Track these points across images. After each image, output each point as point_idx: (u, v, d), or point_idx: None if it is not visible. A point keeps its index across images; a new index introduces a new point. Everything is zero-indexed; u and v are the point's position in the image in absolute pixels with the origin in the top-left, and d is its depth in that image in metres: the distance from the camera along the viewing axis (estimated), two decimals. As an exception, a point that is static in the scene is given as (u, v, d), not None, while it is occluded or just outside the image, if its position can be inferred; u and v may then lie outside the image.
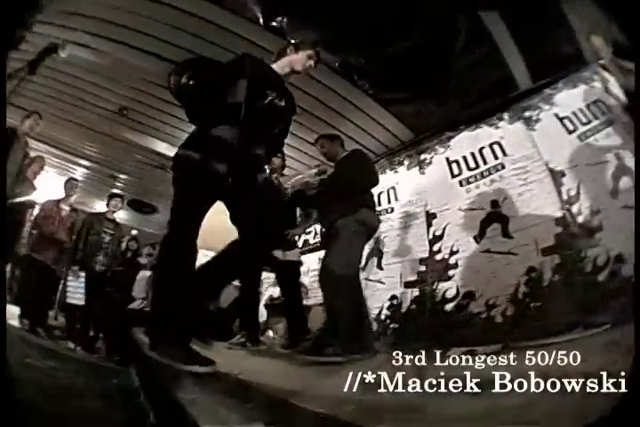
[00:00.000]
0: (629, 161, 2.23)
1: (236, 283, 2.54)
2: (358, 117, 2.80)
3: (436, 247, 2.85)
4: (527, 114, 2.81)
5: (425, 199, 3.10)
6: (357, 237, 2.03)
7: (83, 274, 3.04)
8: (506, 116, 2.88)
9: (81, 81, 2.73)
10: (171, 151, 2.97)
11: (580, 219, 2.40)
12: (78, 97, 2.85)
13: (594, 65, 2.59)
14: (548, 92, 2.74)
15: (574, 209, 2.44)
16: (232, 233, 1.45)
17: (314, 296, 3.16)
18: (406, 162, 3.29)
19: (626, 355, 1.00)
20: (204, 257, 3.40)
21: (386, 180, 3.28)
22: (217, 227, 3.29)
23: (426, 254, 2.88)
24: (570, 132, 2.63)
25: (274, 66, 1.66)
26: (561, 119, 2.69)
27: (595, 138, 2.47)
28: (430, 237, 2.91)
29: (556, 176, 2.56)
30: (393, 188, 3.35)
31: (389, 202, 3.34)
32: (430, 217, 3.00)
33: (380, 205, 3.24)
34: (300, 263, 2.78)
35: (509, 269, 2.40)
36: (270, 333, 3.22)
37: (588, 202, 2.39)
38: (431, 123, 2.76)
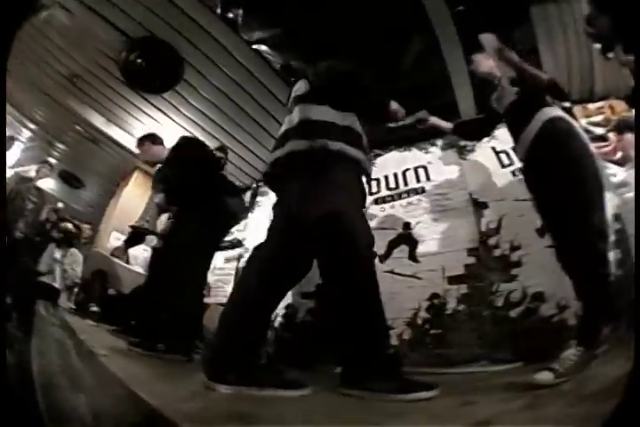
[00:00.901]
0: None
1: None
2: None
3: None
4: (462, 143, 2.85)
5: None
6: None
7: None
8: (439, 142, 2.92)
9: (49, 42, 2.65)
10: (107, 127, 2.94)
11: (497, 253, 2.41)
12: (42, 58, 2.77)
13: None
14: (488, 126, 2.78)
15: (491, 242, 2.45)
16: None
17: (214, 295, 3.09)
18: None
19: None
20: (115, 240, 3.38)
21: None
22: (129, 209, 3.26)
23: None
24: (504, 167, 2.68)
25: None
26: (497, 153, 2.75)
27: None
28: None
29: (478, 207, 2.59)
30: None
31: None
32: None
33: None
34: None
35: (411, 292, 2.39)
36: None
37: (510, 237, 2.40)
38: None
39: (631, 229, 2.41)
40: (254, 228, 3.26)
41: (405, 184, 2.89)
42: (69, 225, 3.15)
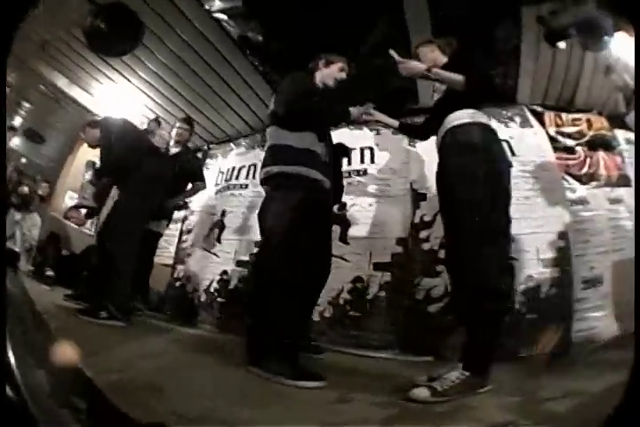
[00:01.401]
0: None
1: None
2: (244, 92, 2.70)
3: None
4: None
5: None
6: None
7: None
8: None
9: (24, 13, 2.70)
10: (69, 88, 2.96)
11: (426, 246, 2.36)
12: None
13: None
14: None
15: (422, 235, 2.41)
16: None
17: (159, 256, 3.10)
18: None
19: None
20: (69, 199, 3.42)
21: (252, 157, 3.17)
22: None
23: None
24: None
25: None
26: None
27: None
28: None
29: (416, 198, 2.51)
30: (254, 165, 3.14)
31: (247, 178, 3.18)
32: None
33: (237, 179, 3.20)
34: None
35: (337, 273, 2.27)
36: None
37: (442, 233, 2.29)
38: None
39: (577, 250, 2.30)
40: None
41: (349, 164, 2.82)
42: (25, 188, 3.14)
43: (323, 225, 1.70)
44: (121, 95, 2.87)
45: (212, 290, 2.92)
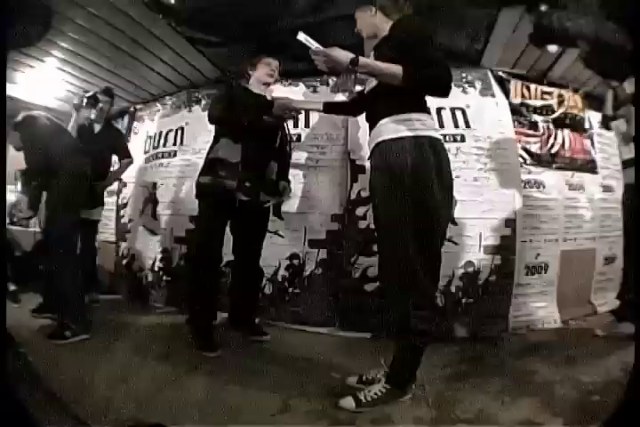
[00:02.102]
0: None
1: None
2: (162, 51, 2.44)
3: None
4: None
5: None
6: None
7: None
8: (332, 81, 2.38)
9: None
10: None
11: (363, 224, 2.21)
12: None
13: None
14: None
15: (359, 212, 2.22)
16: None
17: (102, 232, 3.04)
18: (204, 101, 2.77)
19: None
20: (10, 193, 3.09)
21: (179, 119, 2.89)
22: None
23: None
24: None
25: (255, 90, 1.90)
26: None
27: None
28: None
29: (355, 170, 2.26)
30: (182, 128, 2.85)
31: (175, 144, 2.87)
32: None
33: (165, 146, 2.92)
34: None
35: (274, 249, 2.22)
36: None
37: None
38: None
39: (524, 235, 2.13)
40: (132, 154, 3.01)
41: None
42: None
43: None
44: (42, 78, 2.74)
45: (156, 269, 2.78)
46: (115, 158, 2.71)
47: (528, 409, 1.19)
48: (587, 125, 2.54)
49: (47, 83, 2.82)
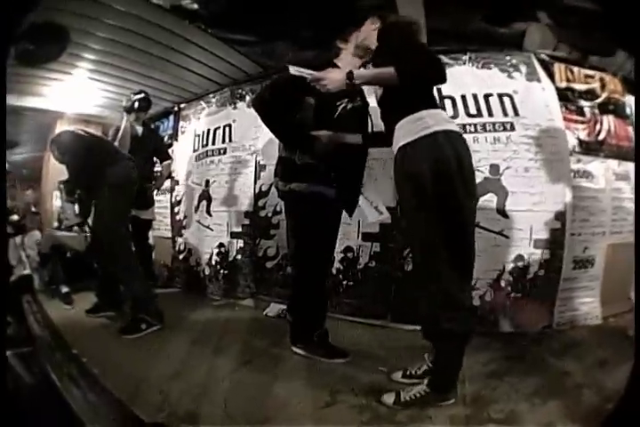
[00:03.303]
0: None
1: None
2: (197, 53, 2.47)
3: (260, 203, 2.71)
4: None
5: (257, 146, 2.75)
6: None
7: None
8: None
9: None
10: (21, 101, 2.88)
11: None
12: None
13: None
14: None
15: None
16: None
17: (157, 229, 3.27)
18: (248, 97, 2.79)
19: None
20: (57, 199, 3.39)
21: (225, 116, 2.95)
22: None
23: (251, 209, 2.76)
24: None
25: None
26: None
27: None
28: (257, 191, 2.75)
29: (259, 169, 2.67)
30: (229, 125, 2.93)
31: (223, 141, 2.95)
32: (261, 168, 2.74)
33: (213, 144, 3.01)
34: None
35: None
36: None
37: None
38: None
39: (573, 228, 2.04)
40: (180, 153, 3.23)
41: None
42: (15, 216, 3.12)
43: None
44: (73, 88, 2.84)
45: (213, 263, 2.92)
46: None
47: (554, 413, 1.17)
48: (628, 111, 2.41)
49: (79, 92, 2.91)
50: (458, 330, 1.18)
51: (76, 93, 2.91)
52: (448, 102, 2.12)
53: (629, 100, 2.39)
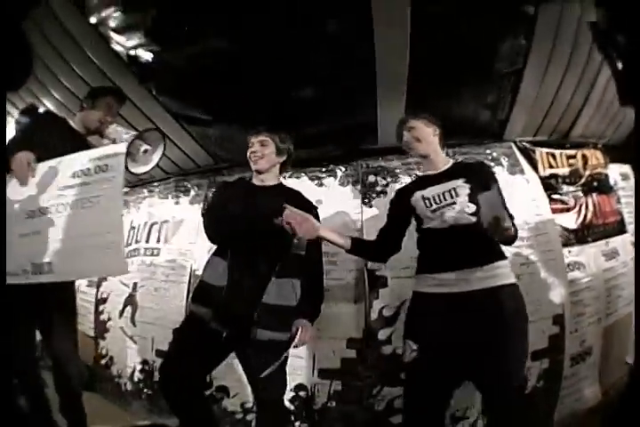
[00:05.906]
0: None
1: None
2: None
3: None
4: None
5: (195, 252, 2.34)
6: None
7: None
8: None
9: None
10: None
11: (387, 350, 1.92)
12: None
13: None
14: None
15: (381, 335, 1.93)
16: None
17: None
18: (193, 192, 2.48)
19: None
20: None
21: (165, 211, 2.55)
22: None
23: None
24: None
25: None
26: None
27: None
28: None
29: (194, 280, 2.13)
30: (167, 222, 2.54)
31: (158, 241, 2.52)
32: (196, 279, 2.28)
33: (147, 241, 2.56)
34: None
35: None
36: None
37: None
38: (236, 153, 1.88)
39: (571, 326, 1.91)
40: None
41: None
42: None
43: None
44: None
45: (135, 380, 2.37)
46: None
47: None
48: (612, 182, 2.36)
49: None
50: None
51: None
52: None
53: (611, 168, 2.34)
